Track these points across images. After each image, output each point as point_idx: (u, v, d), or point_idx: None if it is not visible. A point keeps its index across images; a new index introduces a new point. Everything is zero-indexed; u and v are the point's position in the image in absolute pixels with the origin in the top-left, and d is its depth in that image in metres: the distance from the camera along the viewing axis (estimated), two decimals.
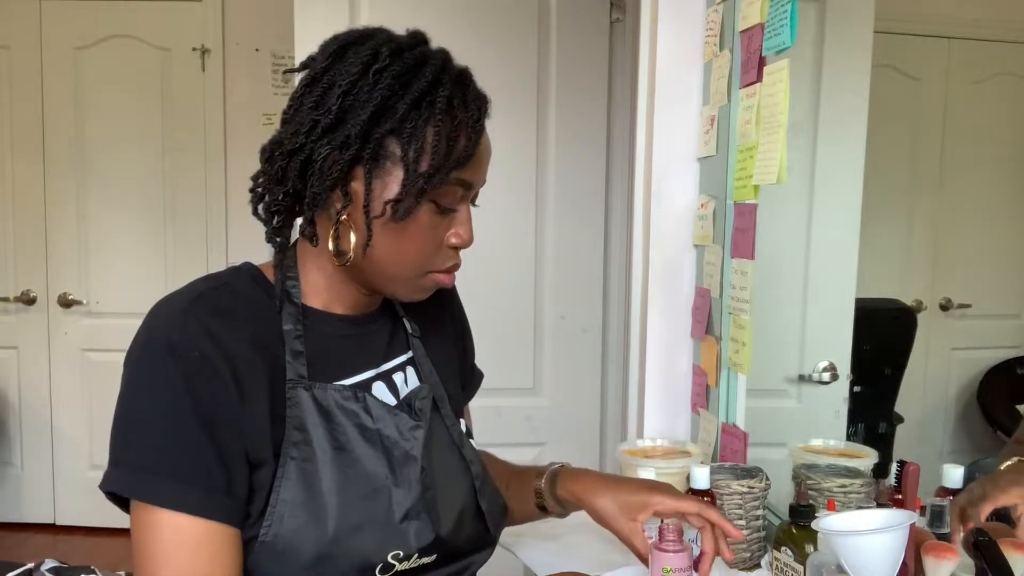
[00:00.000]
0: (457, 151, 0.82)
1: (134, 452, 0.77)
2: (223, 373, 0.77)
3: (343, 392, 0.84)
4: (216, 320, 0.79)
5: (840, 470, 1.29)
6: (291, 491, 0.79)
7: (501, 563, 1.38)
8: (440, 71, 0.83)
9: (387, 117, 0.79)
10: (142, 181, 3.38)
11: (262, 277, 0.88)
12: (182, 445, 0.76)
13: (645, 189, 1.67)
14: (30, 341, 3.47)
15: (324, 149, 0.80)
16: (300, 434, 0.81)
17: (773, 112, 1.25)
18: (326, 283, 0.89)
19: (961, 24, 1.68)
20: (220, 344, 0.77)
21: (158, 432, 0.76)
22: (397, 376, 0.94)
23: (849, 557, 0.87)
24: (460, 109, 0.82)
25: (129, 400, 0.78)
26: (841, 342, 1.63)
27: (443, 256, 0.88)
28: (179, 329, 0.77)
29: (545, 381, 2.43)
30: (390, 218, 0.81)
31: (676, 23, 1.60)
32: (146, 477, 0.75)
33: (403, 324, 0.98)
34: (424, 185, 0.80)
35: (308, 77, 0.83)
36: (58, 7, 3.32)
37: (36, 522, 3.53)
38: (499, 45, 2.32)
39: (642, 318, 1.68)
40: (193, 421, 0.76)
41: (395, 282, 0.87)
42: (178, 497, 0.75)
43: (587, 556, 1.31)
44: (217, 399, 0.76)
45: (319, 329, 0.87)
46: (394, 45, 0.83)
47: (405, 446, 0.85)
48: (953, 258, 1.74)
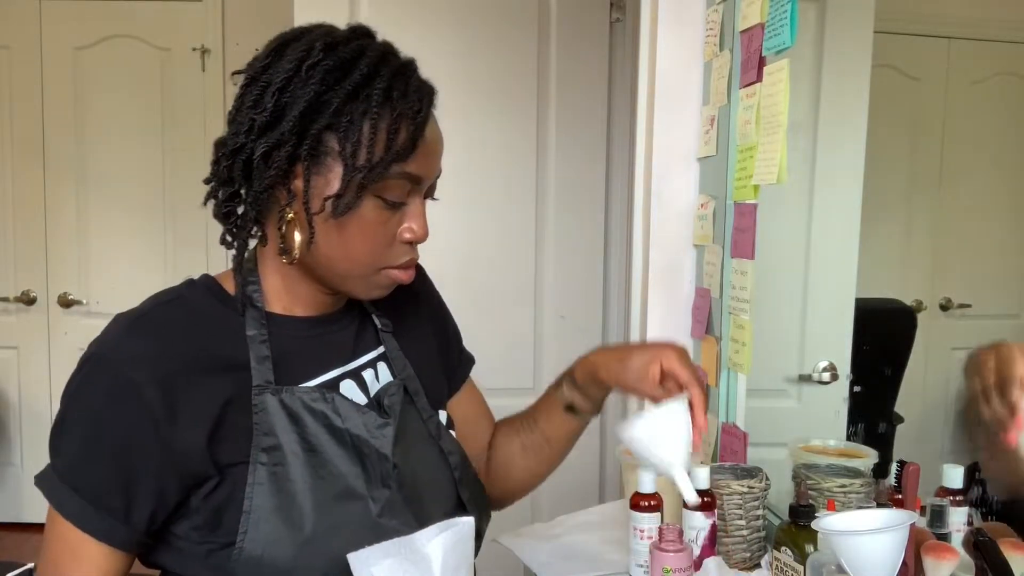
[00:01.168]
0: (397, 144, 0.80)
1: (58, 457, 0.80)
2: (150, 397, 0.77)
3: (310, 394, 0.84)
4: (156, 340, 0.80)
5: (840, 470, 1.29)
6: (264, 496, 0.79)
7: (501, 563, 1.39)
8: (377, 63, 0.81)
9: (322, 112, 0.79)
10: (142, 181, 3.38)
11: (218, 288, 0.87)
12: (89, 465, 0.78)
13: (645, 189, 1.67)
14: (30, 341, 3.47)
15: (262, 147, 0.80)
16: (269, 439, 0.80)
17: (773, 112, 1.25)
18: (285, 285, 0.88)
19: (961, 24, 1.68)
20: (155, 366, 0.78)
21: (73, 446, 0.79)
22: (367, 373, 0.92)
23: (849, 557, 0.87)
24: (400, 100, 0.80)
25: (61, 408, 0.80)
26: (841, 342, 1.63)
27: (397, 252, 0.86)
28: (114, 349, 0.79)
29: (545, 381, 2.40)
30: (331, 214, 0.80)
31: (676, 23, 1.60)
32: (59, 484, 0.79)
33: (372, 320, 0.97)
34: (364, 180, 0.79)
35: (248, 76, 0.83)
36: (58, 7, 3.33)
37: (36, 522, 3.51)
38: (499, 45, 2.32)
39: (642, 318, 1.68)
40: (104, 443, 0.78)
41: (349, 279, 0.86)
42: (75, 511, 0.78)
43: (587, 556, 1.31)
44: (134, 425, 0.77)
45: (283, 332, 0.87)
46: (330, 39, 0.82)
47: (375, 444, 0.85)
48: (953, 258, 1.74)
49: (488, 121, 2.34)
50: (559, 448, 1.08)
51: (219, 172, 0.84)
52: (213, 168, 0.85)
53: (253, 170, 0.81)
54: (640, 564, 1.19)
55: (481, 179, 2.35)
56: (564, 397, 1.05)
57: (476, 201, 2.35)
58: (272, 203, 0.83)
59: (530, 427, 1.08)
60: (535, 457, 1.08)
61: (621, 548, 1.28)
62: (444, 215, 2.47)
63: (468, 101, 2.31)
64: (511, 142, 2.35)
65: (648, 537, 1.18)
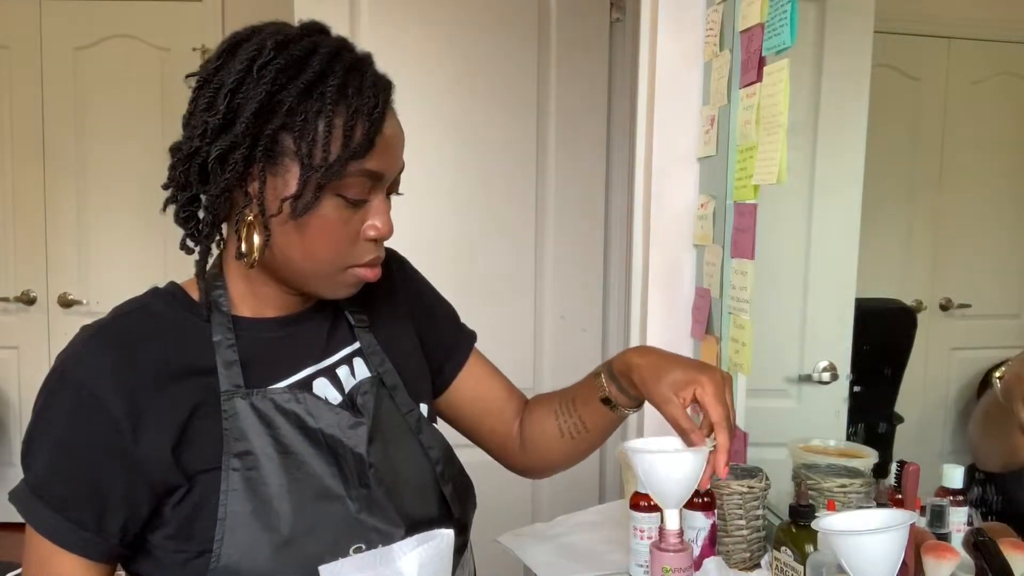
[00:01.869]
0: (354, 141, 0.78)
1: (30, 472, 0.80)
2: (113, 410, 0.77)
3: (281, 395, 0.83)
4: (118, 352, 0.79)
5: (840, 470, 1.29)
6: (239, 502, 0.79)
7: (501, 563, 1.39)
8: (330, 59, 0.79)
9: (276, 112, 0.77)
10: (142, 181, 3.37)
11: (183, 294, 0.87)
12: (58, 479, 0.78)
13: (645, 189, 1.67)
14: (30, 341, 3.47)
15: (216, 151, 0.78)
16: (241, 444, 0.80)
17: (773, 112, 1.25)
18: (250, 288, 0.87)
19: (961, 24, 1.68)
20: (117, 378, 0.78)
21: (42, 460, 0.79)
22: (341, 370, 0.91)
23: (849, 557, 0.87)
24: (355, 97, 0.79)
25: (30, 425, 0.80)
26: (841, 342, 1.63)
27: (361, 250, 0.84)
28: (77, 363, 0.79)
29: (545, 381, 2.43)
30: (289, 215, 0.79)
31: (676, 23, 1.60)
32: (32, 500, 0.79)
33: (345, 316, 0.95)
34: (321, 179, 0.78)
35: (201, 79, 0.82)
36: (58, 7, 3.33)
37: None
38: (499, 45, 2.32)
39: (642, 318, 1.68)
40: (72, 456, 0.78)
41: (313, 280, 0.85)
42: (50, 526, 0.78)
43: (587, 556, 1.31)
44: (99, 438, 0.77)
45: (250, 335, 0.86)
46: (281, 37, 0.80)
47: (349, 444, 0.84)
48: (953, 258, 1.74)
49: (488, 121, 2.33)
50: (597, 436, 1.04)
51: (175, 177, 0.83)
52: (170, 173, 0.84)
53: (209, 174, 0.80)
54: (640, 564, 1.19)
55: (481, 179, 2.35)
56: (602, 388, 1.00)
57: (476, 201, 2.35)
58: (230, 207, 0.82)
59: (568, 411, 1.04)
60: (572, 442, 1.04)
61: (621, 548, 1.28)
62: (444, 215, 2.48)
63: (468, 101, 2.31)
64: (511, 142, 2.35)
65: (648, 537, 1.18)
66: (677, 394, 0.91)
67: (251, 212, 0.80)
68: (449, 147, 2.31)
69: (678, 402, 0.91)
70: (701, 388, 0.91)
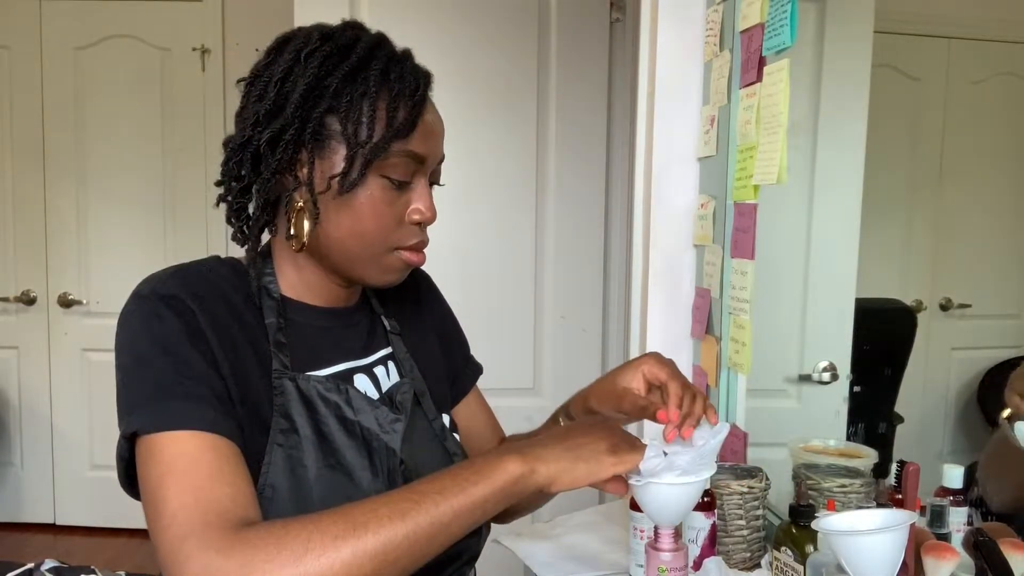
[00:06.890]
0: (397, 121, 0.82)
1: (139, 393, 0.75)
2: (200, 322, 0.78)
3: (324, 383, 0.85)
4: (203, 287, 0.81)
5: (840, 470, 1.29)
6: (278, 477, 0.79)
7: (501, 563, 1.39)
8: (373, 48, 0.84)
9: (322, 96, 0.81)
10: (142, 181, 3.38)
11: (244, 269, 0.88)
12: (187, 371, 0.75)
13: (645, 189, 1.67)
14: (30, 341, 3.47)
15: (267, 135, 0.81)
16: (286, 422, 0.81)
17: (773, 112, 1.25)
18: (299, 277, 0.90)
19: (961, 24, 1.68)
20: (203, 305, 0.79)
21: (163, 365, 0.75)
22: (378, 370, 0.94)
23: (849, 557, 0.87)
24: (397, 81, 0.83)
25: (129, 351, 0.77)
26: (841, 342, 1.63)
27: (406, 232, 0.87)
28: (168, 288, 0.79)
29: (545, 381, 2.43)
30: (337, 192, 0.82)
31: (676, 23, 1.59)
32: (156, 406, 0.73)
33: (381, 321, 0.98)
34: (367, 156, 0.81)
35: (251, 75, 0.86)
36: (58, 7, 3.33)
37: (36, 522, 3.53)
38: (499, 45, 2.32)
39: (642, 318, 1.68)
40: (195, 352, 0.76)
41: (361, 262, 0.87)
42: (191, 415, 0.73)
43: (587, 556, 1.31)
44: (192, 327, 0.77)
45: (297, 319, 0.88)
46: (326, 30, 0.85)
47: (385, 439, 0.86)
48: (953, 258, 1.74)
49: (488, 121, 2.34)
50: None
51: (229, 169, 0.86)
52: (223, 167, 0.87)
53: (260, 160, 0.83)
54: (640, 564, 1.19)
55: (481, 179, 2.35)
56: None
57: (476, 201, 2.35)
58: (281, 191, 0.85)
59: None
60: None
61: (621, 548, 1.28)
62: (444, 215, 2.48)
63: (468, 101, 2.31)
64: (511, 142, 2.35)
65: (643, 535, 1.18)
66: (629, 388, 0.96)
67: (301, 197, 0.83)
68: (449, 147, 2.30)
69: (632, 394, 0.96)
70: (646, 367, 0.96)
